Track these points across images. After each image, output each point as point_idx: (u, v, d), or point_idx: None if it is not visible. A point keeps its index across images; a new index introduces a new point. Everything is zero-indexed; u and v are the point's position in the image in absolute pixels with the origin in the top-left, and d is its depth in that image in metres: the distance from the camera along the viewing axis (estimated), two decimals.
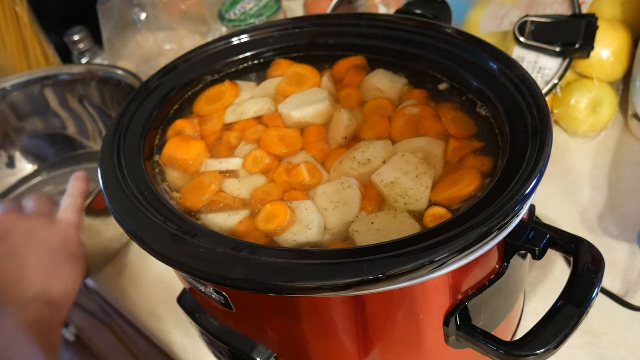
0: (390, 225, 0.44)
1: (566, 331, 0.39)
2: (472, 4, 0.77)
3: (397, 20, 0.59)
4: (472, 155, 0.48)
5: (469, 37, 0.54)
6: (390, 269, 0.36)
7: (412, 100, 0.54)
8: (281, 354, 0.48)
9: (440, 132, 0.51)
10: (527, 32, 0.69)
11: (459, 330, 0.43)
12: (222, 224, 0.47)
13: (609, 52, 0.70)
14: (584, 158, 0.73)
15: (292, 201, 0.48)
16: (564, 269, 0.62)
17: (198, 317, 0.51)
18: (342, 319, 0.43)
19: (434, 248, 0.37)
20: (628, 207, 0.66)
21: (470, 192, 0.45)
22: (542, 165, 0.40)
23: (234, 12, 0.86)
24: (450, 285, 0.42)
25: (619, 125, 0.75)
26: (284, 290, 0.38)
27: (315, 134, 0.53)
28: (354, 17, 0.61)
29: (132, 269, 0.76)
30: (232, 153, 0.54)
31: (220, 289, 0.43)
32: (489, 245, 0.39)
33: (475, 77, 0.51)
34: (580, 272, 0.41)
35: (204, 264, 0.39)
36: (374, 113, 0.54)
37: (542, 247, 0.41)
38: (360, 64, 0.59)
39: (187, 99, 0.59)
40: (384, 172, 0.48)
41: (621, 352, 0.55)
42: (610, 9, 0.74)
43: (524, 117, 0.45)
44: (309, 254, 0.39)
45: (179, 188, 0.51)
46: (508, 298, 0.48)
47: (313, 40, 0.60)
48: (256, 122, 0.56)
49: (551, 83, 0.69)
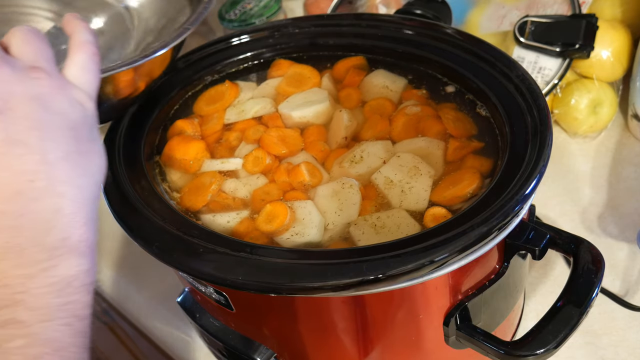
0: (390, 225, 0.44)
1: (566, 331, 0.39)
2: (472, 4, 0.77)
3: (397, 20, 0.59)
4: (472, 155, 0.48)
5: (469, 37, 0.54)
6: (390, 269, 0.36)
7: (412, 100, 0.54)
8: (281, 354, 0.48)
9: (440, 132, 0.51)
10: (527, 32, 0.69)
11: (459, 330, 0.43)
12: (222, 224, 0.47)
13: (609, 52, 0.70)
14: (584, 158, 0.73)
15: (292, 201, 0.48)
16: (564, 269, 0.62)
17: (198, 317, 0.51)
18: (342, 319, 0.43)
19: (434, 248, 0.37)
20: (628, 207, 0.66)
21: (470, 192, 0.45)
22: (542, 165, 0.40)
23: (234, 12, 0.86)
24: (450, 285, 0.42)
25: (619, 125, 0.75)
26: (284, 290, 0.38)
27: (315, 134, 0.53)
28: (354, 17, 0.61)
29: (132, 269, 0.76)
30: (232, 153, 0.54)
31: (220, 289, 0.43)
32: (489, 245, 0.39)
33: (475, 77, 0.51)
34: (580, 272, 0.41)
35: (204, 264, 0.39)
36: (374, 113, 0.54)
37: (542, 247, 0.41)
38: (360, 64, 0.59)
39: (187, 99, 0.59)
40: (384, 172, 0.48)
41: (621, 352, 0.55)
42: (610, 9, 0.74)
43: (524, 117, 0.45)
44: (309, 254, 0.39)
45: (179, 188, 0.51)
46: (508, 298, 0.48)
47: (313, 40, 0.60)
48: (256, 122, 0.56)
49: (551, 83, 0.69)
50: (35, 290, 0.31)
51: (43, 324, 0.31)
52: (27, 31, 0.37)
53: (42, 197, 0.33)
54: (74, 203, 0.34)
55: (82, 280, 0.33)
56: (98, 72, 0.40)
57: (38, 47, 0.37)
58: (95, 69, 0.39)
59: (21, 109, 0.33)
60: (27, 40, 0.37)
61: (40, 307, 0.31)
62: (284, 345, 0.48)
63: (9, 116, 0.33)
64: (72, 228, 0.33)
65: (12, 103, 0.33)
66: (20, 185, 0.32)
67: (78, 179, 0.35)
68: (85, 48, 0.39)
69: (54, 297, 0.32)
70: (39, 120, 0.34)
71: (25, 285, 0.31)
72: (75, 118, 0.36)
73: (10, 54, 0.36)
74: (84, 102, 0.37)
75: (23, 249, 0.32)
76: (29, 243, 0.32)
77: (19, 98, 0.33)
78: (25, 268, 0.31)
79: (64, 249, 0.33)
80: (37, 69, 0.35)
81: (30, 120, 0.33)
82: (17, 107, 0.33)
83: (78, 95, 0.37)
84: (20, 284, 0.31)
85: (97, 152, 0.37)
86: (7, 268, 0.31)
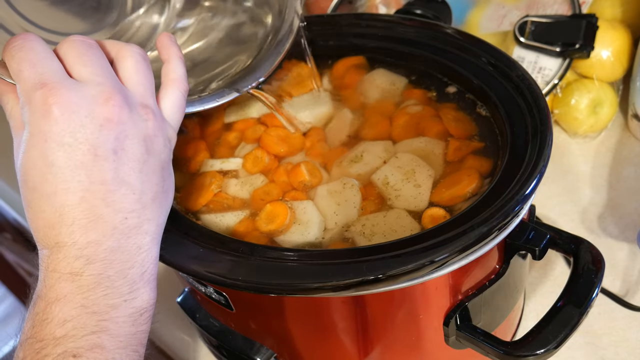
0: (391, 225, 0.44)
1: (566, 331, 0.39)
2: (472, 4, 0.77)
3: (397, 20, 0.59)
4: (472, 156, 0.48)
5: (469, 37, 0.54)
6: (390, 269, 0.36)
7: (412, 100, 0.54)
8: (281, 354, 0.48)
9: (440, 132, 0.51)
10: (527, 32, 0.69)
11: (459, 330, 0.43)
12: (222, 224, 0.47)
13: (609, 52, 0.70)
14: (584, 158, 0.73)
15: (292, 201, 0.48)
16: (564, 269, 0.62)
17: (198, 317, 0.51)
18: (342, 319, 0.43)
19: (434, 248, 0.37)
20: (628, 207, 0.66)
21: (469, 192, 0.45)
22: (542, 166, 0.40)
23: None
24: (450, 285, 0.42)
25: (619, 125, 0.75)
26: (284, 291, 0.38)
27: (315, 134, 0.53)
28: (354, 17, 0.61)
29: None
30: (232, 153, 0.54)
31: (220, 289, 0.43)
32: (489, 245, 0.39)
33: (475, 77, 0.51)
34: (580, 272, 0.41)
35: (204, 264, 0.39)
36: (374, 113, 0.54)
37: (542, 247, 0.41)
38: (360, 64, 0.59)
39: None
40: (384, 172, 0.48)
41: (621, 352, 0.55)
42: (610, 9, 0.74)
43: (524, 117, 0.45)
44: (309, 254, 0.39)
45: (179, 188, 0.51)
46: (508, 298, 0.48)
47: (313, 40, 0.60)
48: (256, 121, 0.56)
49: (551, 83, 0.69)
50: (118, 319, 0.34)
51: (120, 350, 0.33)
52: (139, 55, 0.37)
53: (131, 235, 0.35)
54: (153, 240, 0.36)
55: (150, 311, 0.36)
56: (184, 109, 0.40)
57: (147, 78, 0.37)
58: (184, 107, 0.40)
59: (132, 151, 0.35)
60: (138, 70, 0.37)
61: (120, 335, 0.34)
62: (284, 345, 0.48)
63: (121, 157, 0.34)
64: (148, 263, 0.36)
65: (126, 144, 0.34)
66: (117, 222, 0.34)
67: (160, 218, 0.37)
68: (180, 85, 0.39)
69: (130, 326, 0.34)
70: (143, 162, 0.35)
71: (110, 314, 0.33)
72: (165, 158, 0.37)
73: (120, 76, 0.36)
74: (172, 140, 0.39)
75: (112, 281, 0.34)
76: (117, 276, 0.34)
77: (131, 139, 0.34)
78: (112, 298, 0.33)
79: (141, 282, 0.35)
80: (147, 108, 0.36)
81: (137, 161, 0.35)
82: (129, 149, 0.34)
83: (170, 135, 0.38)
84: (106, 312, 0.33)
85: (172, 185, 0.39)
86: (97, 297, 0.33)
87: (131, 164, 0.34)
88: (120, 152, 0.34)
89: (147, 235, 0.35)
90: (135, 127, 0.35)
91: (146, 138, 0.35)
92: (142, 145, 0.35)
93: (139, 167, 0.35)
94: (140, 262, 0.35)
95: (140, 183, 0.35)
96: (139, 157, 0.35)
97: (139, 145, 0.35)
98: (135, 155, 0.35)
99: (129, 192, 0.34)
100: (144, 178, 0.35)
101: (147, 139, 0.35)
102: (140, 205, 0.35)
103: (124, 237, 0.34)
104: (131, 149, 0.34)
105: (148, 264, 0.35)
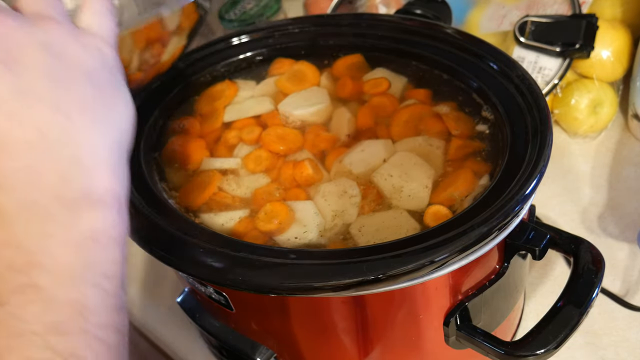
0: (390, 225, 0.44)
1: (566, 331, 0.39)
2: (472, 4, 0.77)
3: (397, 20, 0.59)
4: (472, 155, 0.48)
5: (469, 37, 0.54)
6: (391, 269, 0.36)
7: (412, 99, 0.54)
8: (281, 354, 0.48)
9: (440, 131, 0.51)
10: (527, 32, 0.69)
11: (459, 330, 0.43)
12: (222, 223, 0.47)
13: (609, 52, 0.70)
14: (584, 158, 0.73)
15: (292, 201, 0.48)
16: (564, 269, 0.62)
17: (198, 317, 0.51)
18: (342, 319, 0.43)
19: (434, 248, 0.37)
20: (628, 207, 0.66)
21: (470, 192, 0.45)
22: (542, 166, 0.40)
23: (234, 12, 0.86)
24: (450, 285, 0.42)
25: (619, 125, 0.75)
26: (284, 290, 0.38)
27: (315, 133, 0.53)
28: (354, 17, 0.61)
29: (132, 269, 0.76)
30: (231, 151, 0.54)
31: (220, 289, 0.43)
32: (489, 245, 0.39)
33: (475, 77, 0.51)
34: (580, 272, 0.41)
35: (204, 264, 0.39)
36: (374, 112, 0.54)
37: (542, 247, 0.41)
38: (359, 63, 0.59)
39: (187, 98, 0.59)
40: (384, 171, 0.48)
41: (621, 352, 0.55)
42: (610, 9, 0.74)
43: (524, 117, 0.45)
44: (309, 254, 0.39)
45: (178, 187, 0.51)
46: (508, 298, 0.48)
47: (313, 40, 0.60)
48: (256, 120, 0.56)
49: (551, 83, 0.69)
50: (55, 249, 0.29)
51: (64, 286, 0.28)
52: None
53: (55, 149, 0.30)
54: (95, 153, 0.31)
55: (109, 234, 0.31)
56: (113, 18, 0.36)
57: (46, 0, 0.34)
58: (109, 14, 0.36)
59: (29, 59, 0.30)
60: None
61: (60, 268, 0.28)
62: (284, 345, 0.48)
63: (15, 68, 0.30)
64: (94, 179, 0.31)
65: (18, 54, 0.30)
66: (31, 138, 0.29)
67: (98, 128, 0.32)
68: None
69: (76, 257, 0.29)
70: (49, 69, 0.31)
71: (41, 245, 0.28)
72: (91, 64, 0.33)
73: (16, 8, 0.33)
74: (101, 48, 0.34)
75: (38, 206, 0.29)
76: (44, 199, 0.29)
77: (25, 48, 0.30)
78: (42, 226, 0.28)
79: (85, 202, 0.30)
80: (44, 18, 0.32)
81: (40, 69, 0.31)
82: (24, 58, 0.30)
83: (93, 41, 0.34)
84: (35, 244, 0.28)
85: (121, 99, 0.34)
86: (20, 229, 0.28)
87: (33, 72, 0.30)
88: (13, 63, 0.30)
89: (81, 149, 0.31)
90: (28, 36, 0.31)
91: (49, 44, 0.31)
92: (42, 52, 0.31)
93: (46, 74, 0.31)
94: (79, 179, 0.30)
95: (51, 90, 0.30)
96: (42, 64, 0.31)
97: (39, 53, 0.31)
98: (35, 64, 0.31)
99: (37, 102, 0.30)
100: (56, 85, 0.31)
101: (49, 46, 0.31)
102: (60, 115, 0.30)
103: (45, 153, 0.29)
104: (27, 58, 0.30)
105: (94, 180, 0.31)
